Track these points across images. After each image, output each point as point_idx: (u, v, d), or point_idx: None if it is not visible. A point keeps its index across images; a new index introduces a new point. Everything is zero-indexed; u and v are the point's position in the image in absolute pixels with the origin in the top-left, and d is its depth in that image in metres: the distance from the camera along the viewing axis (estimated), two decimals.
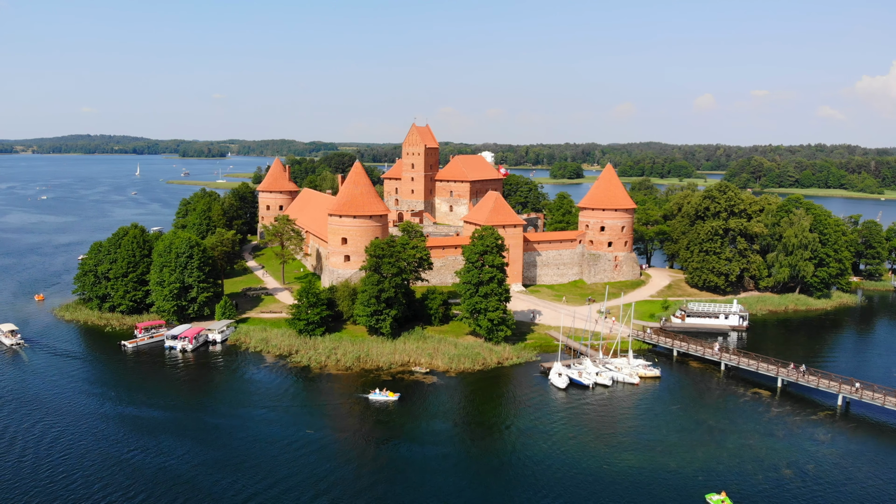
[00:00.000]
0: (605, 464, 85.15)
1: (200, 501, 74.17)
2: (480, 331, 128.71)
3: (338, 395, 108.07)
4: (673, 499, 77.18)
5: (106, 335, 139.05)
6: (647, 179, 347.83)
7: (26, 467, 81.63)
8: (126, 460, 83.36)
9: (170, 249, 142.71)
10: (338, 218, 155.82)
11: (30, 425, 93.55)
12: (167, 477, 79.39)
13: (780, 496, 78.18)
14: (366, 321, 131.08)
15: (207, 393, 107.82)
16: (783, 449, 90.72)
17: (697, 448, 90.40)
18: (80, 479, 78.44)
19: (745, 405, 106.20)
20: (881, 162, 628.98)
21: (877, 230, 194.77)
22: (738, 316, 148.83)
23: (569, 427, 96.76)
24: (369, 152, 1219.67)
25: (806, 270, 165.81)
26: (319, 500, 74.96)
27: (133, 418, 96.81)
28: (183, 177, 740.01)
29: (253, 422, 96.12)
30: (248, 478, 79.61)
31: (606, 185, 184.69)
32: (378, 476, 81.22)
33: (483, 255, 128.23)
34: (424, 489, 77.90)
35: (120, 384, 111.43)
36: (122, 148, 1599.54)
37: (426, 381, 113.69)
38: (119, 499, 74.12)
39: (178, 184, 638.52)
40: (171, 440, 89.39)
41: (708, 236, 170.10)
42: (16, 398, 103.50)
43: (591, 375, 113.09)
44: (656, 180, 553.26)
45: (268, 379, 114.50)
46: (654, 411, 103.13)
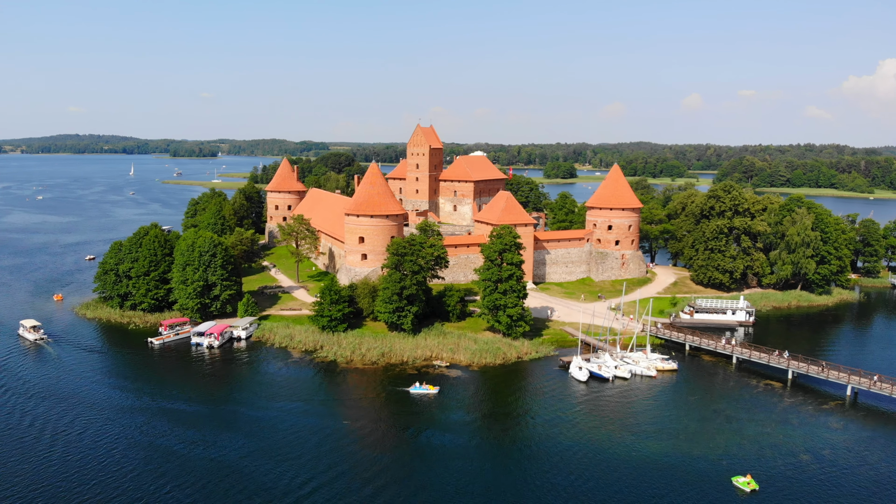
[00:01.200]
0: (632, 450, 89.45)
1: (256, 490, 77.64)
2: (500, 326, 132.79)
3: (368, 388, 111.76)
4: (700, 482, 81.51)
5: (130, 332, 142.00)
6: (644, 179, 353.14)
7: (86, 463, 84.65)
8: (176, 452, 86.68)
9: (193, 248, 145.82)
10: (355, 217, 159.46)
11: (70, 419, 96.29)
12: (218, 467, 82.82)
13: (800, 479, 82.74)
14: (387, 317, 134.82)
15: (241, 387, 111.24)
16: (799, 436, 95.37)
17: (718, 435, 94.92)
18: (141, 473, 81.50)
19: (759, 395, 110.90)
20: (871, 161, 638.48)
21: (874, 228, 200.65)
22: (745, 312, 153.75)
23: (593, 417, 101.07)
24: (361, 152, 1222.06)
25: (808, 268, 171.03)
26: (367, 488, 78.65)
27: (173, 412, 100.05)
28: (176, 176, 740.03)
29: (291, 414, 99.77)
30: (298, 467, 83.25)
31: (614, 185, 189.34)
32: (418, 464, 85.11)
33: (502, 254, 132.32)
34: (464, 475, 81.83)
35: (153, 379, 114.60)
36: (112, 148, 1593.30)
37: (450, 374, 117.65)
38: (177, 490, 77.37)
39: (174, 184, 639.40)
40: (215, 432, 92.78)
41: (713, 234, 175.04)
42: (53, 394, 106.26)
43: (611, 369, 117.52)
44: (650, 180, 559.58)
45: (298, 373, 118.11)
46: (673, 402, 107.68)
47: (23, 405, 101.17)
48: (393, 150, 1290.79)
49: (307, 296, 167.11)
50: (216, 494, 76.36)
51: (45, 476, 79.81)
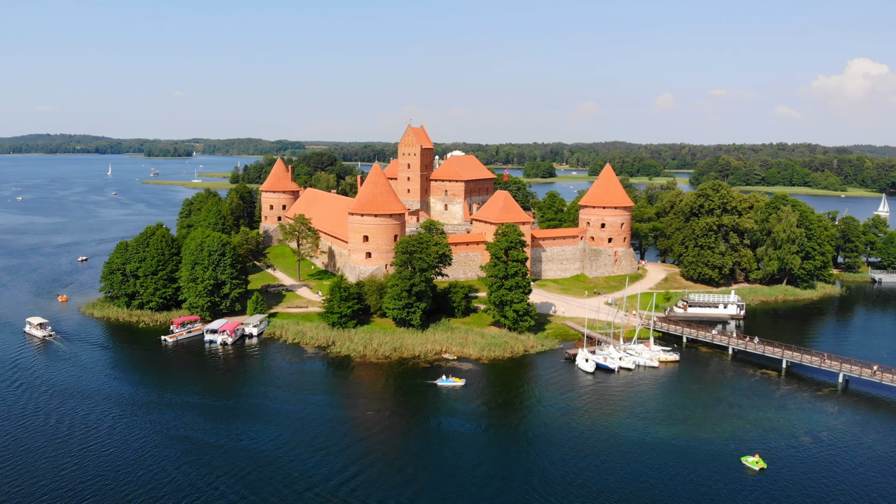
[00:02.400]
0: (644, 435, 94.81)
1: (297, 477, 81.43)
2: (506, 321, 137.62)
3: (388, 381, 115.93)
4: (711, 462, 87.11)
5: (140, 331, 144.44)
6: (625, 178, 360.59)
7: (127, 455, 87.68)
8: (214, 444, 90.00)
9: (202, 248, 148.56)
10: (359, 217, 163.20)
11: (99, 415, 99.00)
12: (257, 457, 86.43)
13: (803, 458, 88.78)
14: (396, 313, 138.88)
15: (263, 382, 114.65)
16: (798, 420, 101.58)
17: (723, 420, 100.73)
18: (183, 465, 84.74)
19: (757, 384, 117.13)
20: (843, 160, 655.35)
21: (854, 225, 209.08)
22: (736, 305, 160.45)
23: (603, 405, 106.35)
24: (339, 151, 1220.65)
25: (794, 263, 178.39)
26: (399, 475, 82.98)
27: (201, 406, 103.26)
28: (153, 176, 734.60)
29: (317, 406, 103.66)
30: (332, 455, 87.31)
31: (606, 185, 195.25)
32: (447, 451, 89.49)
33: (508, 251, 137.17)
34: (490, 461, 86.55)
35: (173, 375, 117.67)
36: (85, 147, 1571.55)
37: (463, 367, 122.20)
38: (224, 479, 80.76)
39: (154, 184, 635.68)
40: (247, 425, 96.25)
41: (703, 232, 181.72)
42: (77, 391, 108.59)
43: (616, 360, 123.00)
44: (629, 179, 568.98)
45: (315, 368, 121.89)
46: (677, 390, 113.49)
47: (47, 402, 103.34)
48: (371, 150, 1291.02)
49: (310, 294, 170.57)
50: (261, 482, 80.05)
51: (88, 471, 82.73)
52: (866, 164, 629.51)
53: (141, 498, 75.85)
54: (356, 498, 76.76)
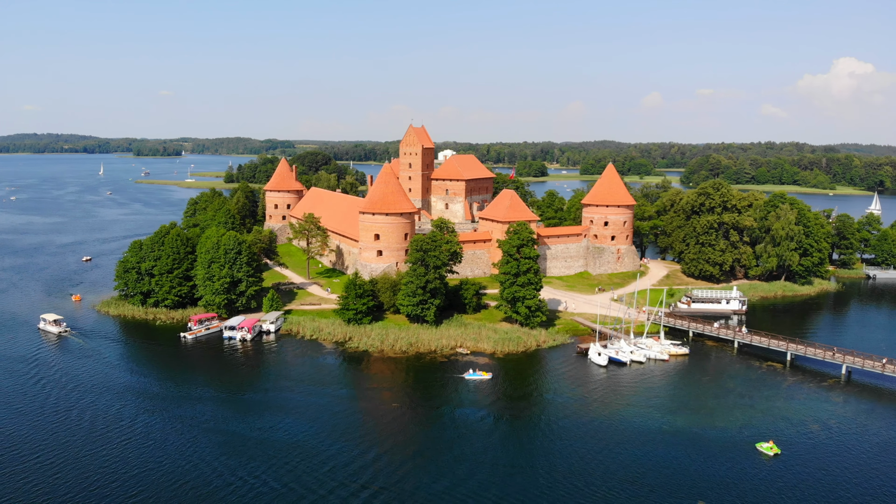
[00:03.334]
0: (661, 424, 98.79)
1: (337, 465, 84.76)
2: (518, 317, 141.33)
3: (406, 375, 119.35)
4: (727, 449, 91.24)
5: (157, 328, 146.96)
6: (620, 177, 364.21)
7: (167, 448, 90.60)
8: (251, 437, 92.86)
9: (218, 246, 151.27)
10: (370, 215, 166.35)
11: (133, 411, 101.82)
12: (294, 448, 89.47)
13: (815, 444, 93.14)
14: (411, 310, 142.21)
15: (286, 376, 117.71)
16: (806, 409, 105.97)
17: (734, 410, 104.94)
18: (222, 456, 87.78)
19: (764, 375, 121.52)
20: (831, 159, 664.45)
21: (849, 223, 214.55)
22: (738, 301, 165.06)
23: (619, 396, 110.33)
24: (329, 150, 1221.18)
25: (792, 260, 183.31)
26: (433, 464, 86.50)
27: (230, 401, 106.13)
28: (144, 176, 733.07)
29: (343, 399, 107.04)
30: (366, 444, 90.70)
31: (609, 183, 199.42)
32: (478, 441, 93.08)
33: (520, 248, 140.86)
34: (516, 450, 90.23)
35: (198, 371, 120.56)
36: (73, 147, 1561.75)
37: (478, 361, 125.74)
38: (268, 469, 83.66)
39: (148, 183, 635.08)
40: (278, 418, 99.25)
41: (704, 229, 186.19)
42: (106, 387, 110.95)
43: (627, 354, 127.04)
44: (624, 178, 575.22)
45: (336, 363, 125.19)
46: (688, 382, 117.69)
47: (79, 399, 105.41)
48: (362, 149, 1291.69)
49: (320, 291, 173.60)
50: (303, 469, 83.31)
51: (133, 464, 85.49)
52: (855, 163, 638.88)
53: (189, 489, 78.64)
54: (395, 485, 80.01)
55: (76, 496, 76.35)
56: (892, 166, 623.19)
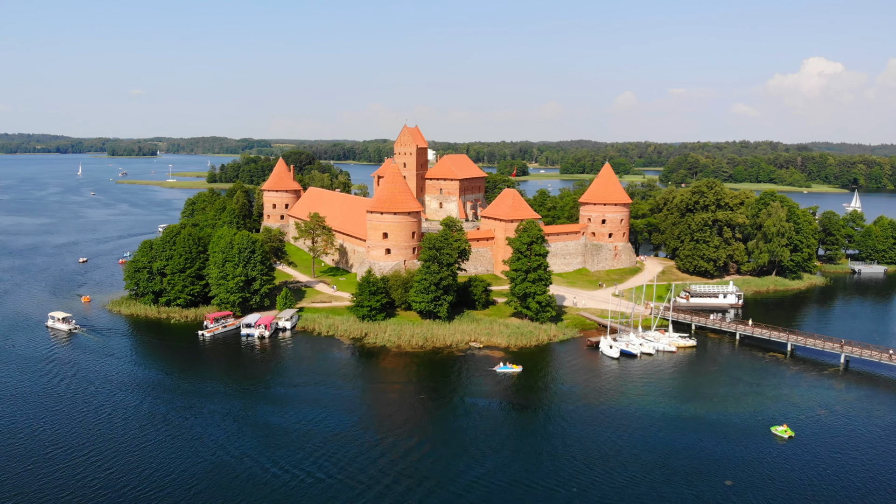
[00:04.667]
0: (678, 411, 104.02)
1: (379, 456, 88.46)
2: (528, 312, 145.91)
3: (428, 368, 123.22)
4: (742, 432, 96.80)
5: (173, 326, 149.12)
6: None
7: (214, 441, 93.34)
8: (292, 429, 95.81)
9: (232, 245, 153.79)
10: (379, 215, 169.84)
11: (167, 407, 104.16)
12: (341, 438, 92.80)
13: (824, 427, 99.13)
14: (424, 306, 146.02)
15: (312, 371, 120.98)
16: (811, 395, 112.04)
17: (745, 397, 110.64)
18: (274, 448, 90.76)
19: (768, 365, 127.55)
20: (806, 157, 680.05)
21: (835, 220, 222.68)
22: (735, 295, 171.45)
23: (634, 386, 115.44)
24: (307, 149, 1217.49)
25: (783, 256, 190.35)
26: (467, 454, 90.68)
27: (263, 395, 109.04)
28: (121, 176, 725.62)
29: (373, 391, 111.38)
30: (406, 435, 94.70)
31: (605, 183, 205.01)
32: (515, 431, 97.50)
33: (531, 245, 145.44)
34: (550, 440, 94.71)
35: (224, 367, 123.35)
36: (46, 147, 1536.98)
37: (495, 355, 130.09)
38: (326, 460, 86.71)
39: (129, 183, 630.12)
40: (317, 411, 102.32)
41: (699, 227, 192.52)
42: (135, 384, 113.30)
43: (637, 346, 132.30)
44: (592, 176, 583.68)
45: (357, 358, 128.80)
46: (698, 372, 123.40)
47: (110, 396, 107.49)
48: (340, 148, 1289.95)
49: (327, 289, 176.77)
50: (344, 459, 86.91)
51: (186, 458, 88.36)
52: (829, 161, 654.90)
53: (239, 482, 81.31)
54: (435, 473, 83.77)
55: (137, 493, 78.69)
56: (866, 164, 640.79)
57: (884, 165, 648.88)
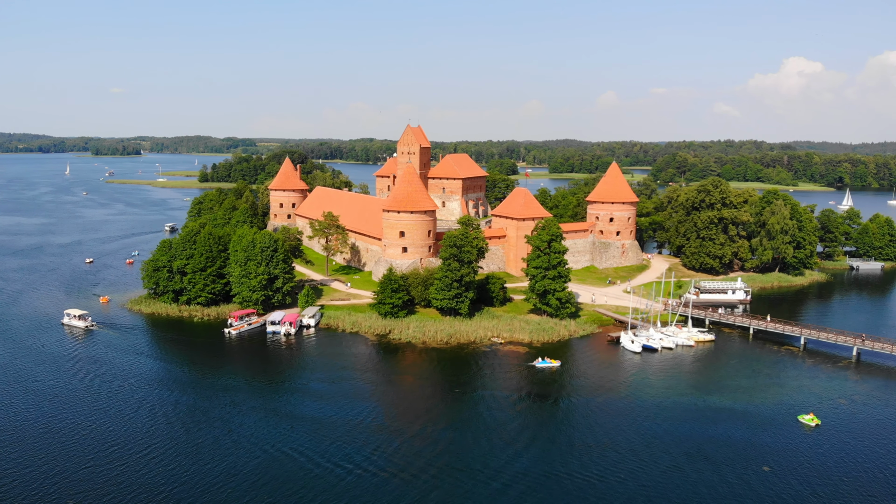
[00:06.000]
0: (705, 402, 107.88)
1: (423, 449, 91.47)
2: (548, 309, 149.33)
3: (457, 363, 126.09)
4: (770, 421, 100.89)
5: (197, 325, 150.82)
6: (599, 175, 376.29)
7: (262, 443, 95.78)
8: (340, 424, 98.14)
9: (254, 244, 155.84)
10: (396, 213, 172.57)
11: (208, 403, 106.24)
12: (383, 431, 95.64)
13: (847, 415, 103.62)
14: (446, 303, 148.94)
15: (346, 367, 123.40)
16: (829, 386, 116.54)
17: (768, 388, 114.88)
18: (335, 443, 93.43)
19: (784, 358, 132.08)
20: (793, 156, 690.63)
21: (834, 218, 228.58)
22: (743, 291, 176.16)
23: (658, 379, 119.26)
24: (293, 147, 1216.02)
25: (787, 252, 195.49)
26: (511, 447, 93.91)
27: (301, 390, 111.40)
28: (108, 176, 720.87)
29: (410, 386, 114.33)
30: (445, 425, 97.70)
31: (613, 181, 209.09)
32: (553, 423, 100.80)
33: (550, 243, 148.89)
34: (588, 432, 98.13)
35: (253, 364, 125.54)
36: (28, 147, 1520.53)
37: (520, 350, 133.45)
38: (380, 453, 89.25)
39: (120, 183, 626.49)
40: (358, 405, 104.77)
41: (705, 224, 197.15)
42: (171, 382, 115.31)
43: (657, 341, 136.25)
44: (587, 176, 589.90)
45: (386, 353, 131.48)
46: (719, 365, 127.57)
47: (148, 393, 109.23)
48: (327, 147, 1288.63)
49: (342, 287, 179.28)
50: (391, 451, 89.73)
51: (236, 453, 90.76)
52: (815, 160, 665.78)
53: (299, 474, 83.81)
54: (481, 465, 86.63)
55: (200, 490, 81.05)
56: (851, 163, 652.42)
57: (868, 164, 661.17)
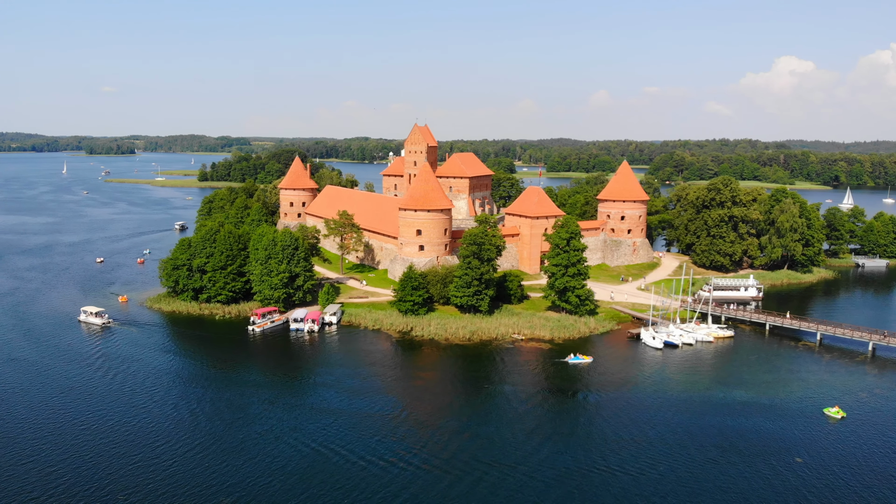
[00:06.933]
0: (730, 396, 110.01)
1: (470, 442, 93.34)
2: (568, 306, 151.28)
3: (482, 360, 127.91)
4: (797, 414, 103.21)
5: (219, 322, 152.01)
6: (602, 174, 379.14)
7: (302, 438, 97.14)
8: (379, 419, 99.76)
9: (275, 243, 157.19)
10: (413, 212, 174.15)
11: (242, 399, 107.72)
12: (425, 427, 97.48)
13: (870, 408, 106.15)
14: (466, 300, 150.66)
15: (375, 363, 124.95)
16: (849, 381, 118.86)
17: (789, 382, 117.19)
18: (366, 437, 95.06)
19: (802, 354, 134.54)
20: (789, 155, 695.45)
21: (839, 216, 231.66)
22: (755, 288, 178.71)
23: (684, 374, 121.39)
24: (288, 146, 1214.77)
25: (796, 250, 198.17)
26: (550, 441, 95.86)
27: (334, 386, 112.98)
28: (105, 175, 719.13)
29: (442, 382, 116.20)
30: (484, 421, 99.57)
31: (624, 180, 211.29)
32: (585, 420, 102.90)
33: (570, 241, 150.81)
34: (621, 426, 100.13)
35: (282, 360, 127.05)
36: (21, 146, 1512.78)
37: (543, 347, 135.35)
38: (410, 450, 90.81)
39: (119, 182, 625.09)
40: (393, 400, 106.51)
41: (715, 222, 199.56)
42: (203, 379, 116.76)
43: (678, 337, 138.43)
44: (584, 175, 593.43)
45: (413, 350, 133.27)
46: (740, 360, 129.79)
47: (184, 390, 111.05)
48: (323, 146, 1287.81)
49: (357, 285, 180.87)
50: (435, 446, 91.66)
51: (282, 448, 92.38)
52: (811, 159, 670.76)
53: (344, 470, 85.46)
54: (525, 461, 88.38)
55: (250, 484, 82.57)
56: (847, 162, 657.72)
57: (864, 163, 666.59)
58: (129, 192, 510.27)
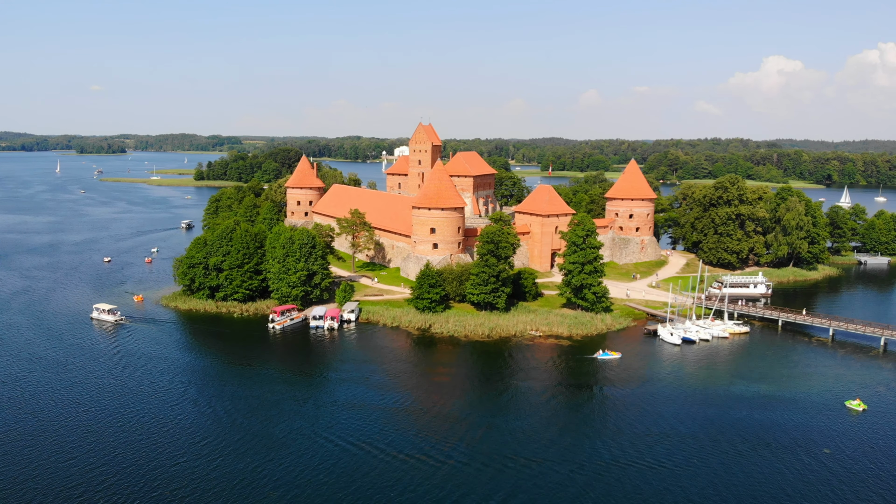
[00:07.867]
0: (752, 391, 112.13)
1: (506, 437, 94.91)
2: (584, 303, 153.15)
3: (505, 356, 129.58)
4: (819, 406, 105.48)
5: (237, 320, 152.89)
6: (601, 173, 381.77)
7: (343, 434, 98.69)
8: (413, 415, 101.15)
9: (292, 241, 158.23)
10: (426, 210, 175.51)
11: (276, 396, 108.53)
12: (462, 423, 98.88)
13: (888, 400, 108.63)
14: (483, 298, 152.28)
15: (399, 359, 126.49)
16: (865, 374, 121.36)
17: (807, 377, 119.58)
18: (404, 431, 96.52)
19: (816, 349, 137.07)
20: (782, 154, 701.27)
21: (842, 213, 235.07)
22: (764, 285, 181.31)
23: (702, 369, 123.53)
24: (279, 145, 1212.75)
25: (802, 248, 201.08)
26: (575, 435, 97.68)
27: (362, 382, 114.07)
28: (98, 174, 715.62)
29: (470, 377, 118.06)
30: (519, 417, 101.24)
31: (632, 178, 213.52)
32: (613, 414, 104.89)
33: (586, 238, 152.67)
34: (648, 420, 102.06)
35: (305, 357, 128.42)
36: (10, 145, 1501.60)
37: (562, 344, 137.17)
38: (447, 445, 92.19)
39: (115, 181, 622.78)
40: (425, 397, 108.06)
41: (722, 220, 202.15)
42: (230, 375, 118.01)
43: (695, 333, 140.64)
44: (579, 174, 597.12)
45: (431, 347, 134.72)
46: (758, 355, 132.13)
47: (209, 388, 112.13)
48: (315, 145, 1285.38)
49: (370, 283, 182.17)
50: (472, 442, 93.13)
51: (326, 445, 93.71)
52: (804, 158, 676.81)
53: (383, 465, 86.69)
54: (565, 458, 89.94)
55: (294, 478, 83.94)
56: (839, 161, 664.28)
57: (857, 162, 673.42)
58: (126, 192, 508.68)
